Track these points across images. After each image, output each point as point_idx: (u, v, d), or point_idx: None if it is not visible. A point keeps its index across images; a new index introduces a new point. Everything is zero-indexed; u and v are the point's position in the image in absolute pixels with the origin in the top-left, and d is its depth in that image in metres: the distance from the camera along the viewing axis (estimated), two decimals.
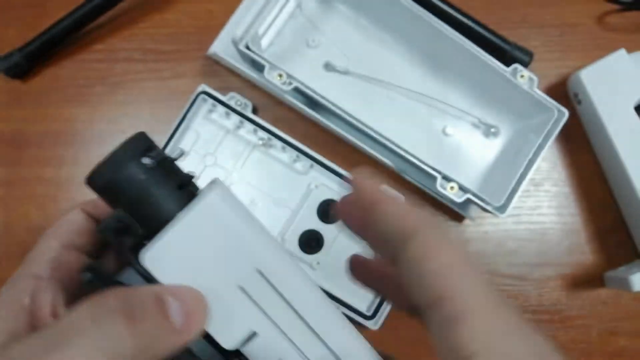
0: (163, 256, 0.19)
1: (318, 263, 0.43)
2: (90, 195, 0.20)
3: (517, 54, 0.44)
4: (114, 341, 0.16)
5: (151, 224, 0.19)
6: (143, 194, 0.18)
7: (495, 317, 0.17)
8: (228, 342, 0.19)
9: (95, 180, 0.19)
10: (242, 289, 0.19)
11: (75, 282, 0.21)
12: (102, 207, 0.22)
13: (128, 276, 0.20)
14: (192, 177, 0.20)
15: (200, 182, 0.21)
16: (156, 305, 0.17)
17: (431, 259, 0.17)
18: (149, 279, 0.19)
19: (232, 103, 0.43)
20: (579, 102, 0.44)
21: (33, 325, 0.19)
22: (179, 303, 0.18)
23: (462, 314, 0.16)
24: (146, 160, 0.18)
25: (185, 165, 0.20)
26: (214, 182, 0.20)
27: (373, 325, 0.42)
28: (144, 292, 0.18)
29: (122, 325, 0.16)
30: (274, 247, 0.20)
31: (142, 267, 0.19)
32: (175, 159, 0.20)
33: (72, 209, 0.23)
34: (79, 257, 0.22)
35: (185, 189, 0.20)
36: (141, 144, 0.19)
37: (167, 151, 0.31)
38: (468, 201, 0.40)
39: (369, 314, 0.42)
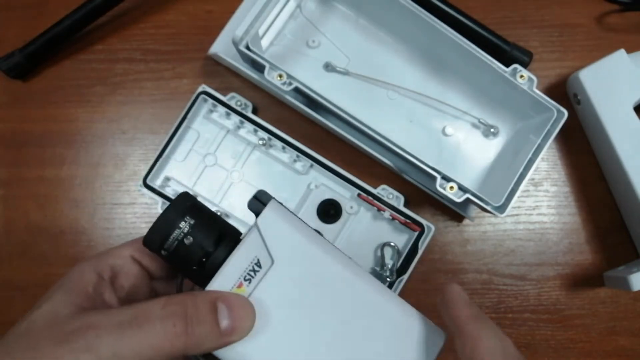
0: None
1: None
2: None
3: (517, 54, 0.44)
4: (171, 338, 0.20)
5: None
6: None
7: None
8: None
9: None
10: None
11: (127, 288, 0.25)
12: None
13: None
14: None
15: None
16: (210, 312, 0.21)
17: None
18: None
19: (232, 103, 0.43)
20: (579, 102, 0.44)
21: (94, 307, 0.23)
22: (228, 310, 0.21)
23: None
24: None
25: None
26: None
27: None
28: (201, 299, 0.21)
29: (181, 327, 0.20)
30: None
31: None
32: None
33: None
34: (138, 272, 0.25)
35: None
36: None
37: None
38: (467, 201, 0.40)
39: None
